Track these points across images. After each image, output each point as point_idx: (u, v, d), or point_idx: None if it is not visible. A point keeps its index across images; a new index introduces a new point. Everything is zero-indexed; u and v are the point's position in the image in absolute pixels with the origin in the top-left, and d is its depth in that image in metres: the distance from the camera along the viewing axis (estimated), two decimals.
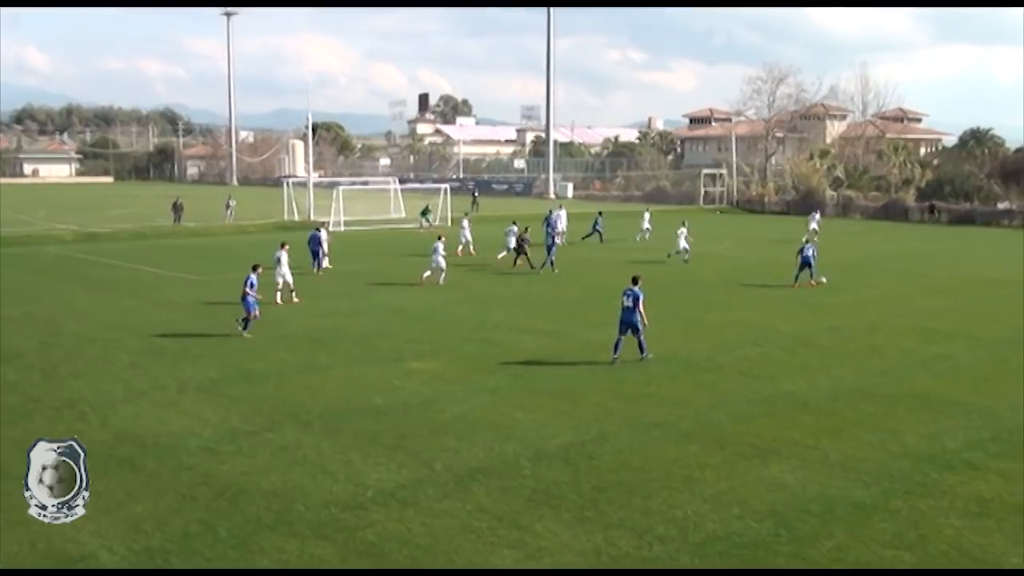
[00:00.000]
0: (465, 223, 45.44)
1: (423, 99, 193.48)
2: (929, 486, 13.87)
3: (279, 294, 29.51)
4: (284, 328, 25.62)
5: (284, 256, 29.91)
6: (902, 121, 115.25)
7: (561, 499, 13.17)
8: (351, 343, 23.68)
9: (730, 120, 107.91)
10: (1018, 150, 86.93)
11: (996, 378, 20.47)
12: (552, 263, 38.21)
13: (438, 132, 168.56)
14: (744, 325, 26.53)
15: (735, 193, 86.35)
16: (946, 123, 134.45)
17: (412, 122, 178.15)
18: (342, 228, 52.57)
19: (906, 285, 35.50)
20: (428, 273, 34.30)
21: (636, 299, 21.04)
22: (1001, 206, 72.63)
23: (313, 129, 76.47)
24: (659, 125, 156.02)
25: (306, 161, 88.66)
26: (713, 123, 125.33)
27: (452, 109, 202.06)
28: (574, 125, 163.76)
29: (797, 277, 34.20)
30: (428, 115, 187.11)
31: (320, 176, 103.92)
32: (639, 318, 21.09)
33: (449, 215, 61.27)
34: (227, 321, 25.54)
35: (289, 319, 27.02)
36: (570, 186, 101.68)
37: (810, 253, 34.39)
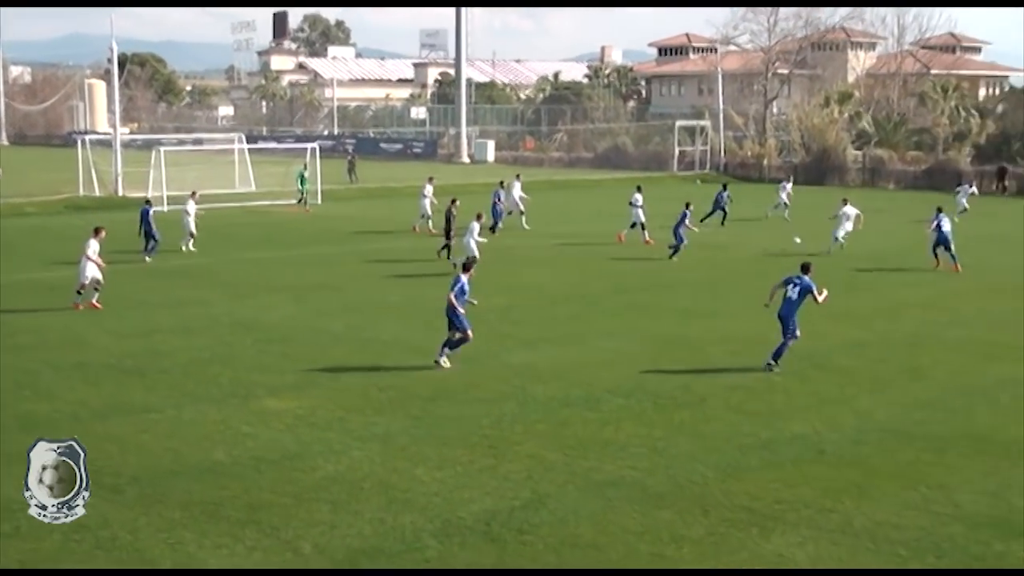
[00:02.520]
0: (428, 189, 47.33)
1: (279, 20, 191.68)
2: (990, 560, 14.22)
3: (82, 295, 30.56)
4: (81, 351, 25.28)
5: (95, 245, 30.72)
6: (953, 52, 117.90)
7: None
8: (179, 373, 23.46)
9: (715, 51, 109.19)
10: None
11: None
12: (684, 247, 39.89)
13: (302, 68, 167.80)
14: (735, 341, 26.83)
15: (722, 154, 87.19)
16: (1016, 55, 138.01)
17: (264, 54, 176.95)
18: (165, 208, 51.93)
19: (958, 282, 36.20)
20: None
21: (804, 292, 23.44)
22: None
23: (120, 64, 75.65)
24: (616, 58, 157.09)
25: (111, 111, 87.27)
26: (691, 55, 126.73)
27: (322, 36, 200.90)
28: (496, 59, 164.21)
29: (952, 258, 37.47)
30: (288, 44, 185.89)
31: (132, 132, 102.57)
32: (795, 311, 23.48)
33: (319, 188, 60.94)
34: None
35: (88, 338, 26.66)
36: (490, 145, 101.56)
37: (948, 228, 37.38)
